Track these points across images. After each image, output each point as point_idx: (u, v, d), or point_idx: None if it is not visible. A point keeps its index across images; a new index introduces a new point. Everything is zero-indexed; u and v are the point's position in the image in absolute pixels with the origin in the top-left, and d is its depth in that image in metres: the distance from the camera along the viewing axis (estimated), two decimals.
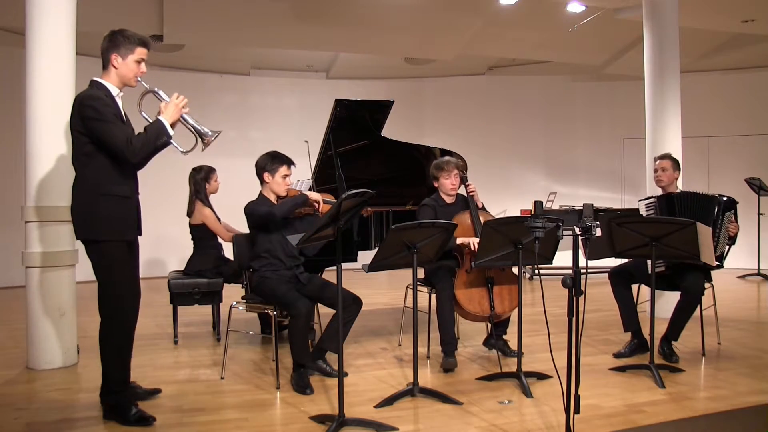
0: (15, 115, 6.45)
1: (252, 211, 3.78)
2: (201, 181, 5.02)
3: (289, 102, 9.92)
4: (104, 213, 2.99)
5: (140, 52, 3.05)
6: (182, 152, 3.12)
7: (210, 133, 3.05)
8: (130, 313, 3.16)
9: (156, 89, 3.10)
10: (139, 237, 3.25)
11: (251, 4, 7.11)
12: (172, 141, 3.03)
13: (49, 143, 4.06)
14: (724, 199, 4.20)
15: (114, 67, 3.04)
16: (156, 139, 2.94)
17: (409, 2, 7.13)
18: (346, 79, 9.96)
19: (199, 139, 3.07)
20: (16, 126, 5.95)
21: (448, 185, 4.24)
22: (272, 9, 7.21)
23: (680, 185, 4.62)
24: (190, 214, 5.02)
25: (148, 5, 7.16)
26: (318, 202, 3.84)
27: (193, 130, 3.07)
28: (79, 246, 4.23)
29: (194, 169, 5.08)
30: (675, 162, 4.42)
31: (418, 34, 8.08)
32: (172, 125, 3.00)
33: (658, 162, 4.45)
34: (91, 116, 2.91)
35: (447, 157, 4.40)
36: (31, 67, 4.07)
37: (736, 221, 4.22)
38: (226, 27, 7.58)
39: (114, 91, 3.06)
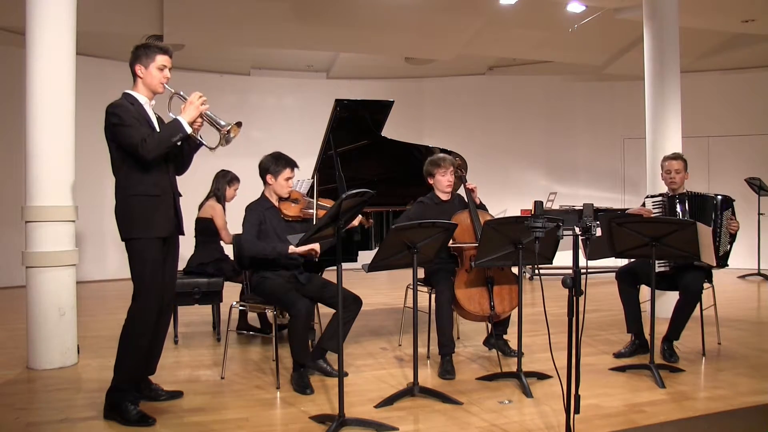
0: (15, 115, 6.46)
1: (244, 218, 3.81)
2: (223, 182, 5.17)
3: (289, 102, 9.92)
4: (135, 212, 3.12)
5: (161, 59, 3.19)
6: (210, 149, 3.26)
7: (224, 123, 3.13)
8: (154, 317, 3.18)
9: (180, 92, 3.22)
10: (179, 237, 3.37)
11: (251, 4, 7.11)
12: (203, 142, 3.24)
13: (49, 143, 4.06)
14: (720, 197, 4.20)
15: (139, 77, 3.20)
16: (170, 136, 3.06)
17: (409, 2, 7.13)
18: (346, 79, 9.97)
19: (219, 134, 3.16)
20: (16, 126, 5.97)
21: (443, 182, 4.21)
22: (272, 9, 7.22)
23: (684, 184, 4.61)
24: (200, 207, 5.09)
25: (148, 5, 7.17)
26: (312, 252, 3.76)
27: (213, 124, 3.18)
28: (79, 246, 4.25)
29: (223, 170, 5.24)
30: (685, 162, 4.37)
31: (418, 34, 8.08)
32: (193, 123, 3.13)
33: (669, 162, 4.34)
34: (114, 122, 3.07)
35: (442, 154, 4.39)
36: (31, 67, 4.07)
37: (735, 218, 4.22)
38: (226, 27, 7.58)
39: (142, 100, 3.20)
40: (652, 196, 4.41)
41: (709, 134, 9.43)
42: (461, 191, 4.32)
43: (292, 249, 3.65)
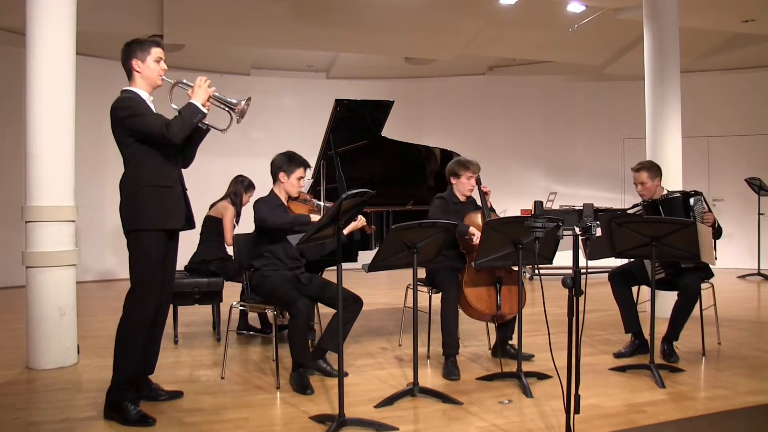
0: (15, 115, 6.46)
1: (256, 210, 3.80)
2: (241, 188, 5.21)
3: (289, 102, 9.92)
4: (144, 203, 3.08)
5: (156, 51, 3.17)
6: (221, 131, 3.25)
7: (236, 101, 3.16)
8: (151, 314, 3.17)
9: (181, 79, 3.21)
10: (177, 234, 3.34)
11: (251, 4, 7.11)
12: (212, 126, 3.22)
13: (49, 143, 4.06)
14: (685, 193, 4.19)
15: (137, 71, 3.15)
16: (192, 117, 3.07)
17: (409, 2, 7.13)
18: (346, 79, 9.97)
19: (232, 112, 3.18)
20: (16, 126, 5.96)
21: (467, 185, 4.21)
22: (272, 9, 7.22)
23: (680, 185, 4.60)
24: (211, 206, 5.13)
25: (148, 5, 7.17)
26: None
27: (224, 104, 3.19)
28: (79, 246, 4.25)
29: (241, 176, 5.30)
30: (652, 170, 4.31)
31: (418, 34, 8.08)
32: (204, 106, 3.13)
33: (634, 175, 4.35)
34: (126, 114, 3.03)
35: (469, 158, 4.36)
36: (31, 67, 4.07)
37: (709, 210, 4.19)
38: (226, 27, 7.58)
39: (144, 95, 3.17)
40: (634, 206, 4.39)
41: (709, 134, 9.43)
42: (474, 193, 4.31)
43: (314, 218, 3.66)
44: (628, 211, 4.37)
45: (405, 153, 5.18)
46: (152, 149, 3.08)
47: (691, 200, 4.14)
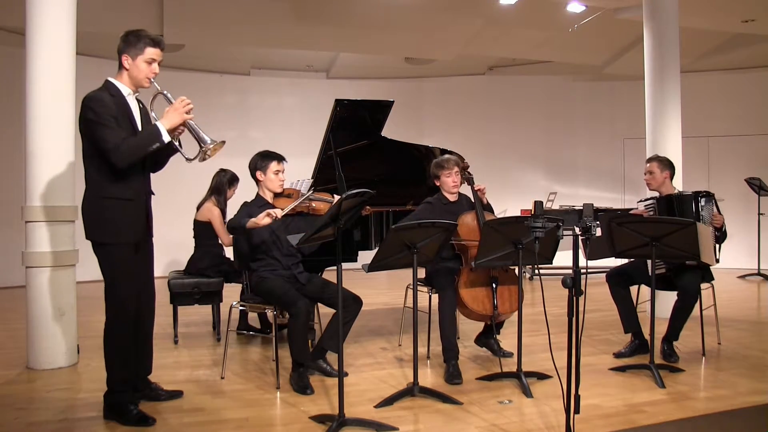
0: (15, 115, 6.46)
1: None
2: (225, 182, 5.11)
3: (289, 102, 9.92)
4: (107, 216, 2.99)
5: (151, 52, 3.01)
6: (187, 159, 3.11)
7: (209, 141, 2.96)
8: (134, 315, 3.13)
9: (165, 92, 3.05)
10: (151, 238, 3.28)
11: (251, 4, 7.11)
12: (180, 149, 3.08)
13: (50, 143, 4.06)
14: (697, 194, 4.21)
15: (125, 68, 3.04)
16: (147, 144, 2.91)
17: (409, 2, 7.13)
18: (346, 79, 9.97)
19: (199, 148, 3.00)
20: (16, 126, 5.96)
21: (449, 183, 4.21)
22: (272, 9, 7.22)
23: (680, 185, 4.61)
24: (198, 208, 5.06)
25: (148, 5, 7.17)
26: (270, 216, 3.57)
27: (195, 137, 3.00)
28: (79, 246, 4.25)
29: (222, 170, 5.19)
30: (662, 162, 4.37)
31: (418, 34, 8.09)
32: (174, 130, 2.98)
33: (646, 166, 4.44)
34: (89, 117, 2.92)
35: (447, 155, 4.39)
36: (31, 67, 4.07)
37: (719, 213, 4.22)
38: (226, 27, 7.58)
39: (125, 91, 3.06)
40: (644, 200, 4.42)
41: (709, 134, 9.43)
42: (468, 191, 4.31)
43: (249, 224, 3.57)
44: (638, 202, 4.40)
45: (405, 153, 5.18)
46: None
47: (702, 200, 4.17)
